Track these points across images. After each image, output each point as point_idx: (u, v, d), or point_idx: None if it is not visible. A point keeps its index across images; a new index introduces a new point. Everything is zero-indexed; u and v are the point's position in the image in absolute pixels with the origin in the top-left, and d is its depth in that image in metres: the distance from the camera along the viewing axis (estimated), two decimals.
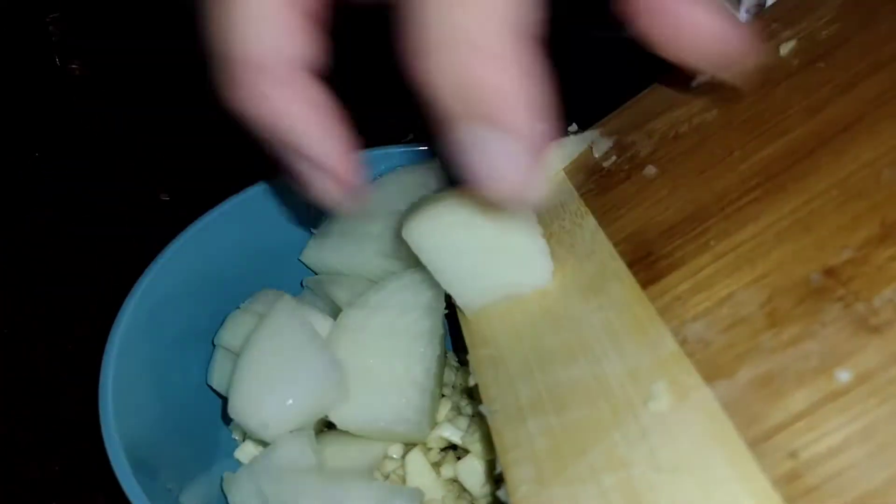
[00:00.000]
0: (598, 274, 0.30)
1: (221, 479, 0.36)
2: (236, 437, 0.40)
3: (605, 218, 0.32)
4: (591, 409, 0.26)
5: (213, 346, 0.40)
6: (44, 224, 0.55)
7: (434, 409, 0.37)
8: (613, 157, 0.35)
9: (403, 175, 0.44)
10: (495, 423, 0.28)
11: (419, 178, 0.43)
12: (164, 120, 0.62)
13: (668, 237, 0.29)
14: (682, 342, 0.25)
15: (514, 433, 0.27)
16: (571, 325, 0.29)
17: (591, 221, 0.32)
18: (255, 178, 0.57)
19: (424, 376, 0.36)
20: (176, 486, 0.34)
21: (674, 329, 0.26)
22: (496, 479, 0.29)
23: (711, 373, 0.24)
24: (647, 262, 0.29)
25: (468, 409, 0.38)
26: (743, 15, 0.49)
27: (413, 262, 0.34)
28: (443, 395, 0.39)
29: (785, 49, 0.31)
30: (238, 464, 0.38)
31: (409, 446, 0.37)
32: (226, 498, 0.35)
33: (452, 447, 0.38)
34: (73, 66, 0.61)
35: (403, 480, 0.36)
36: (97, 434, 0.32)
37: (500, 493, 0.26)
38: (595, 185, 0.34)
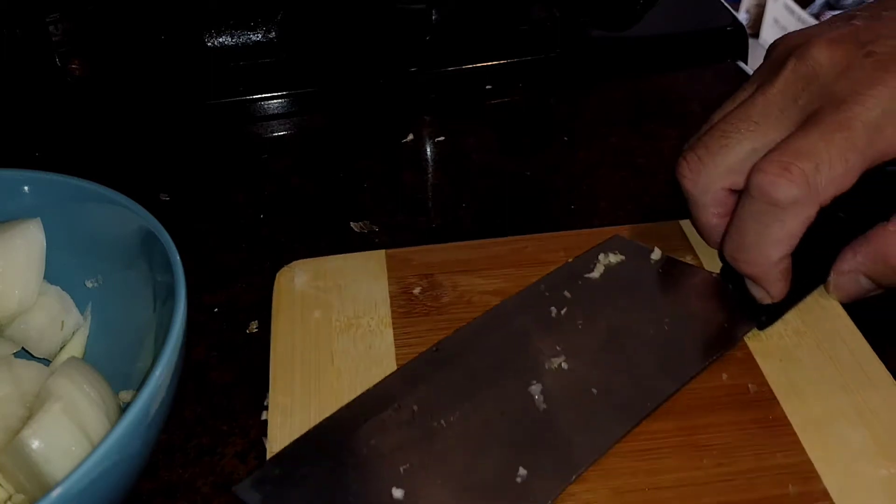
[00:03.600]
0: None
1: None
2: None
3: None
4: None
5: None
6: None
7: None
8: (420, 288, 0.46)
9: None
10: None
11: None
12: (164, 120, 0.62)
13: None
14: None
15: None
16: None
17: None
18: (255, 177, 0.57)
19: None
20: None
21: None
22: None
23: None
24: None
25: None
26: (743, 16, 0.50)
27: None
28: None
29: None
30: None
31: None
32: None
33: None
34: (73, 66, 0.61)
35: None
36: None
37: None
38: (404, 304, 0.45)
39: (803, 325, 0.43)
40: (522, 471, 0.36)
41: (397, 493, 0.35)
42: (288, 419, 0.39)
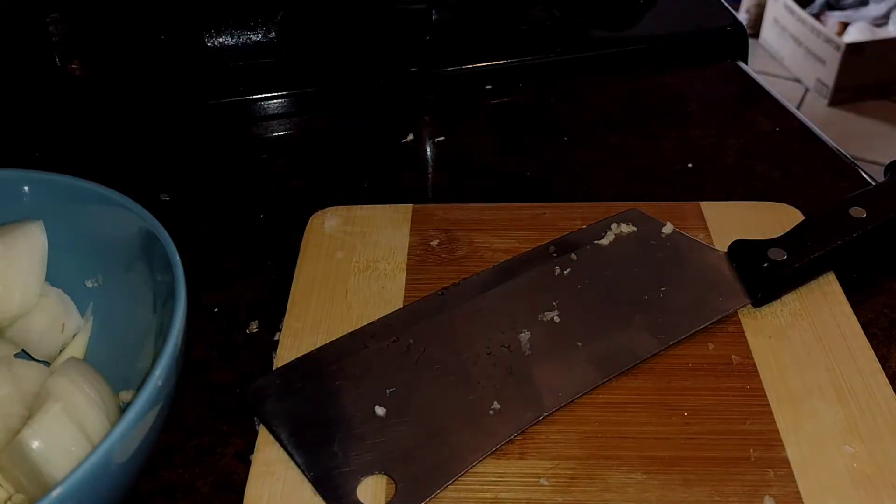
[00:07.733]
0: None
1: None
2: None
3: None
4: None
5: None
6: None
7: None
8: (438, 241, 0.48)
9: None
10: None
11: None
12: (165, 120, 0.62)
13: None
14: None
15: None
16: None
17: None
18: (255, 177, 0.57)
19: None
20: None
21: None
22: None
23: None
24: None
25: None
26: (743, 16, 0.50)
27: None
28: None
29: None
30: None
31: None
32: None
33: None
34: (73, 66, 0.61)
35: None
36: None
37: None
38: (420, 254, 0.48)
39: (801, 308, 0.44)
40: (496, 404, 0.39)
41: (380, 410, 0.39)
42: (297, 341, 0.43)
